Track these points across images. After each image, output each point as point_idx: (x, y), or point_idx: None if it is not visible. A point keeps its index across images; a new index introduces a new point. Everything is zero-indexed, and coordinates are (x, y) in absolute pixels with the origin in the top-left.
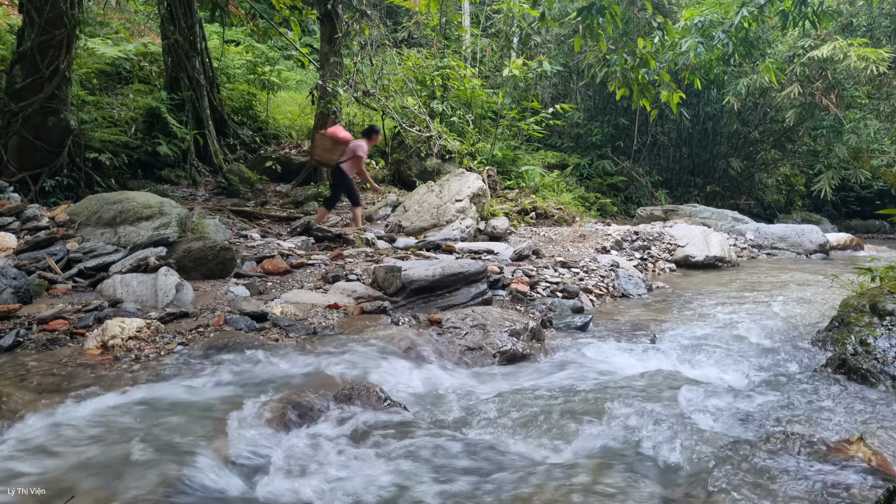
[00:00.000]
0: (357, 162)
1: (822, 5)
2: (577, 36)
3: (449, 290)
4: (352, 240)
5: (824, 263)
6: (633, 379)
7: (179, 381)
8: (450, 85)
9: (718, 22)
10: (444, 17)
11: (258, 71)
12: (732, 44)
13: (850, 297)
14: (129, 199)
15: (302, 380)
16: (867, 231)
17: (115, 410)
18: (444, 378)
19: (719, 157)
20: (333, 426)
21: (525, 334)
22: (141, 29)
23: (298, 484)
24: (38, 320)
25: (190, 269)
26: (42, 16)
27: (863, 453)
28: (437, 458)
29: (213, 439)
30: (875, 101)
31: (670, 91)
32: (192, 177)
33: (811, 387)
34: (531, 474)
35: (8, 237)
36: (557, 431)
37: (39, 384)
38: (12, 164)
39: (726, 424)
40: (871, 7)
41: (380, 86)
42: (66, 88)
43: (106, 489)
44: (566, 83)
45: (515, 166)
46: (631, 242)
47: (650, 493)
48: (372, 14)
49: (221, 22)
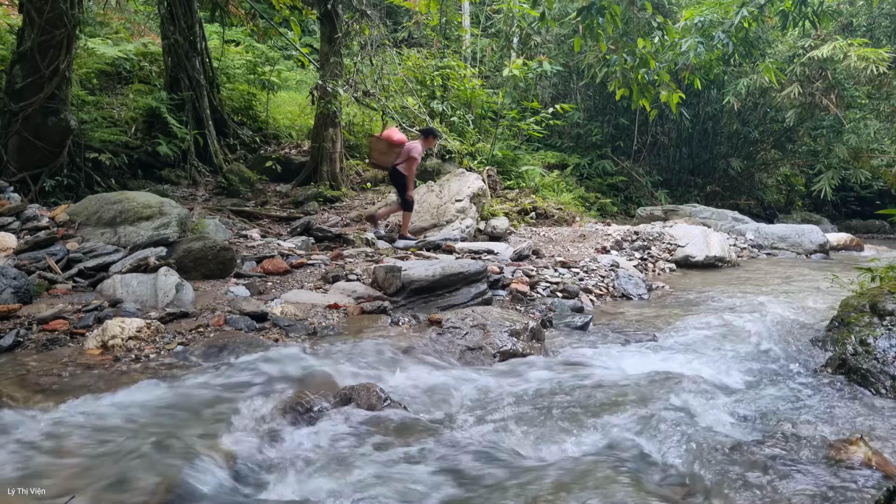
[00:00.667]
0: (411, 163)
1: (822, 5)
2: (577, 36)
3: (449, 290)
4: (352, 240)
5: (824, 263)
6: (633, 379)
7: (179, 382)
8: (450, 85)
9: (718, 22)
10: (444, 17)
11: (258, 71)
12: (732, 44)
13: (850, 297)
14: (129, 199)
15: (302, 380)
16: (867, 231)
17: (116, 410)
18: (444, 378)
19: (719, 157)
20: (333, 426)
21: (525, 334)
22: (141, 29)
23: (299, 484)
24: (38, 320)
25: (190, 269)
26: (42, 16)
27: (863, 453)
28: (437, 458)
29: (214, 439)
30: (875, 101)
31: (670, 91)
32: (192, 177)
33: (811, 387)
34: (532, 474)
35: (8, 237)
36: (558, 431)
37: (40, 384)
38: (12, 164)
39: (726, 424)
40: (871, 7)
41: (380, 86)
42: (66, 88)
43: (106, 489)
44: (566, 83)
45: (515, 166)
46: (631, 242)
47: (650, 493)
48: (372, 14)
49: (221, 22)
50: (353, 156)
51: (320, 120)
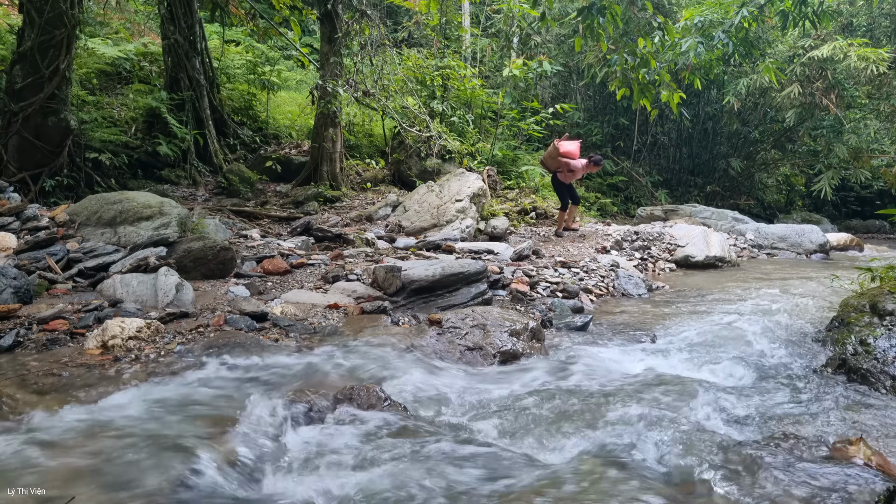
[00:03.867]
0: (565, 176)
1: (822, 5)
2: (577, 36)
3: (449, 290)
4: (352, 240)
5: (824, 263)
6: (633, 379)
7: (180, 382)
8: (450, 85)
9: (718, 22)
10: (444, 17)
11: (258, 71)
12: (732, 44)
13: (850, 296)
14: (129, 199)
15: (302, 380)
16: (867, 231)
17: (116, 410)
18: (444, 378)
19: (719, 157)
20: (334, 426)
21: (525, 334)
22: (141, 29)
23: (299, 484)
24: (39, 320)
25: (190, 269)
26: (42, 16)
27: (863, 453)
28: (437, 458)
29: (214, 439)
30: (875, 101)
31: (670, 91)
32: (192, 177)
33: (811, 387)
34: (531, 474)
35: (8, 237)
36: (557, 431)
37: (39, 384)
38: (12, 164)
39: (727, 424)
40: (871, 7)
41: (380, 86)
42: (66, 88)
43: (107, 489)
44: (566, 83)
45: (515, 166)
46: (631, 242)
47: (650, 493)
48: (372, 14)
49: (221, 22)
50: (353, 156)
51: (320, 120)
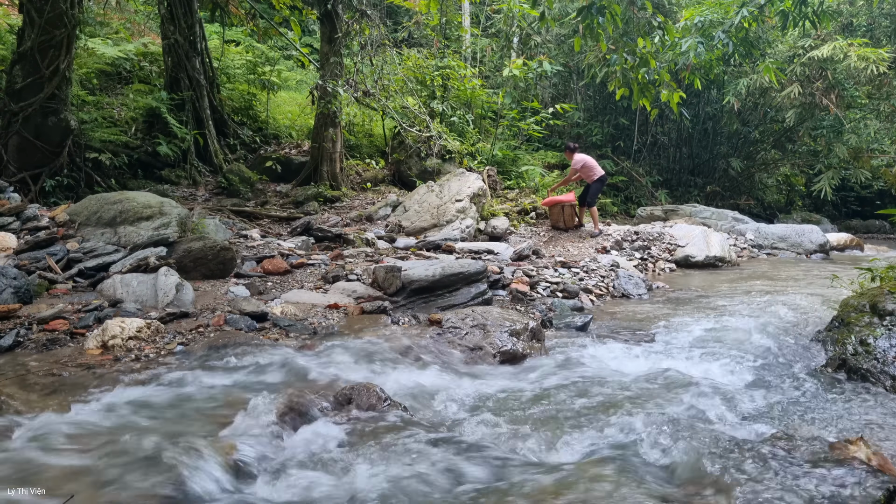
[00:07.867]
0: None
1: (822, 5)
2: (577, 36)
3: (449, 290)
4: (352, 240)
5: (824, 263)
6: (633, 378)
7: (180, 382)
8: (450, 85)
9: (718, 22)
10: (444, 17)
11: (258, 71)
12: (732, 44)
13: (850, 296)
14: (129, 199)
15: (302, 380)
16: (867, 231)
17: (116, 410)
18: (444, 378)
19: (719, 157)
20: (334, 426)
21: (525, 334)
22: (141, 29)
23: (299, 484)
24: (39, 320)
25: (190, 269)
26: (42, 16)
27: (863, 453)
28: (437, 458)
29: (214, 439)
30: (875, 101)
31: (670, 91)
32: (192, 177)
33: (811, 387)
34: (534, 474)
35: (8, 237)
36: (557, 431)
37: (40, 384)
38: (12, 164)
39: (726, 424)
40: (871, 7)
41: (380, 86)
42: (66, 88)
43: (106, 489)
44: (566, 83)
45: (515, 166)
46: (631, 242)
47: (650, 494)
48: (372, 14)
49: (221, 22)
50: (353, 156)
51: (320, 120)
